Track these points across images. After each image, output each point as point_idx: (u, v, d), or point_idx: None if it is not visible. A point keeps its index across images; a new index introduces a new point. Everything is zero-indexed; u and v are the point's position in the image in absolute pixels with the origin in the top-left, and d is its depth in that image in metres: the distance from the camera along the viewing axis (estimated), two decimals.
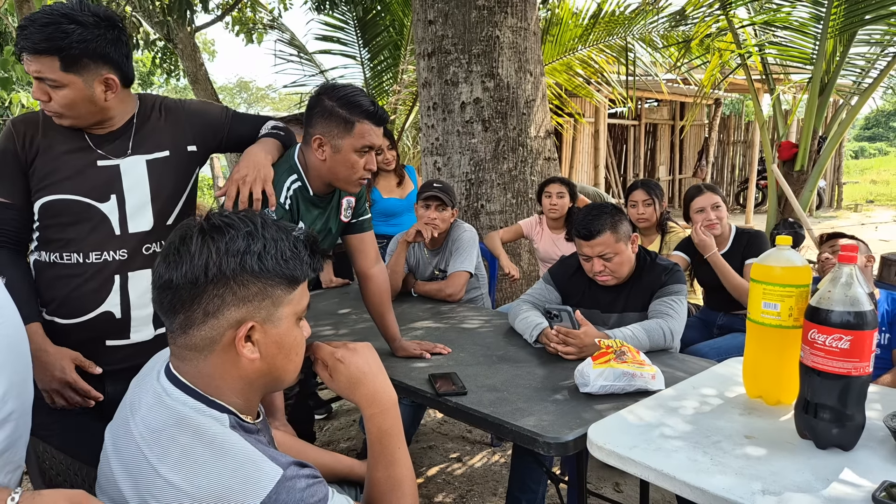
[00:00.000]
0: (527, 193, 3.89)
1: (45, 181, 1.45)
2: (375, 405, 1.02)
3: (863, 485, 1.02)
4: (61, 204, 1.45)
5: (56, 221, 1.46)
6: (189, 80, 7.76)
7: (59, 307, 1.48)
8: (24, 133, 1.45)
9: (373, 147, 1.65)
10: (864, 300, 1.11)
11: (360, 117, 1.60)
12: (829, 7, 3.81)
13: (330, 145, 1.62)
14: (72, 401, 1.43)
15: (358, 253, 1.88)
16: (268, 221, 0.93)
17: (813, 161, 4.32)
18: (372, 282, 1.89)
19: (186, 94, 27.76)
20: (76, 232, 1.46)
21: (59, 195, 1.45)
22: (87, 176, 1.47)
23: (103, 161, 1.48)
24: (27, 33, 1.33)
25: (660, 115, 12.56)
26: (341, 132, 1.61)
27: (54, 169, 1.46)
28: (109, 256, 1.48)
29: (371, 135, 1.63)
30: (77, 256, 1.47)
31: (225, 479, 0.81)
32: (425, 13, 3.83)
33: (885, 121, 34.41)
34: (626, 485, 2.51)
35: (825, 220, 10.70)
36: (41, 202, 1.45)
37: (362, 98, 1.62)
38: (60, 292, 1.47)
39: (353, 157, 1.63)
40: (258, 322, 0.90)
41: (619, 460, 1.15)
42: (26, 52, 1.35)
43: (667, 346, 1.91)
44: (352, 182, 1.68)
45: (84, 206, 1.46)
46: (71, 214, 1.46)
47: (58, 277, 1.47)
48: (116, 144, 1.50)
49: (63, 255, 1.47)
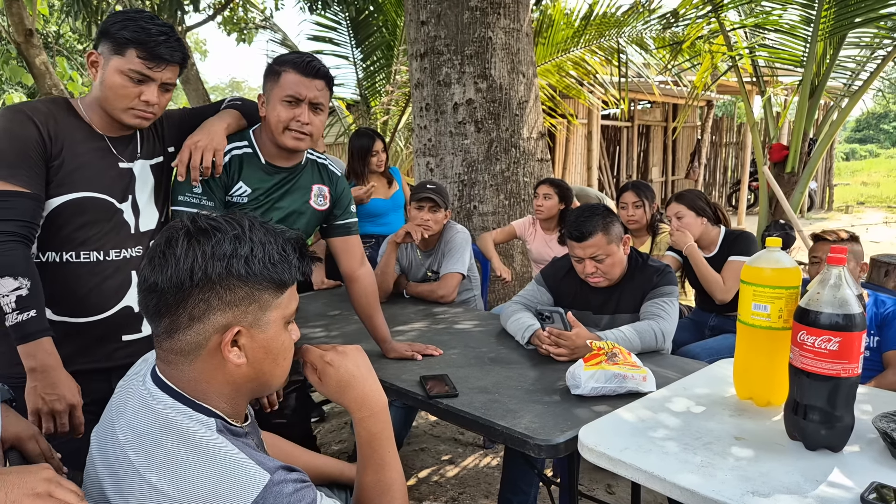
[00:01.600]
0: (519, 195, 3.89)
1: (72, 177, 1.44)
2: (365, 408, 1.01)
3: (852, 486, 1.02)
4: (89, 201, 1.46)
5: (79, 220, 1.46)
6: (180, 80, 7.73)
7: (76, 306, 1.47)
8: (46, 123, 1.42)
9: (299, 97, 1.62)
10: (852, 302, 1.12)
11: (287, 67, 1.62)
12: (820, 10, 3.84)
13: (266, 97, 1.66)
14: (62, 428, 1.37)
15: (343, 254, 1.88)
16: (255, 224, 0.92)
17: (803, 163, 4.35)
18: (358, 283, 1.88)
19: (177, 94, 27.66)
20: (96, 230, 1.48)
21: (86, 192, 1.46)
22: (110, 176, 1.50)
23: (123, 164, 1.54)
24: (172, 46, 1.44)
25: (652, 116, 12.60)
26: (272, 82, 1.64)
27: (81, 165, 1.46)
28: (128, 254, 1.54)
29: (297, 84, 1.61)
30: (97, 254, 1.49)
31: (211, 483, 0.80)
32: (418, 14, 3.83)
33: (876, 123, 34.70)
34: (618, 486, 2.51)
35: (816, 222, 10.76)
36: (64, 199, 1.44)
37: (291, 55, 1.66)
38: (78, 291, 1.47)
39: (279, 107, 1.62)
40: (245, 327, 0.89)
41: (610, 462, 1.15)
42: (167, 62, 1.44)
43: (658, 347, 1.91)
44: (280, 134, 1.65)
45: (108, 204, 1.50)
46: (95, 213, 1.47)
47: (73, 276, 1.47)
48: (130, 149, 1.56)
49: (80, 254, 1.47)
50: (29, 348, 1.32)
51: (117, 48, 1.42)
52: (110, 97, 1.45)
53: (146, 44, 1.41)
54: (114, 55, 1.43)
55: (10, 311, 1.30)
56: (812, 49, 4.01)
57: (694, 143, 12.55)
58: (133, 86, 1.44)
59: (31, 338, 1.32)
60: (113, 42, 1.42)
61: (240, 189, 1.70)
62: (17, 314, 1.31)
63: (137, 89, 1.44)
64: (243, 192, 1.70)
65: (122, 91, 1.44)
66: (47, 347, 1.34)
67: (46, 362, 1.33)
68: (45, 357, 1.33)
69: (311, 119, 1.66)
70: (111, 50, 1.43)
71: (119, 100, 1.45)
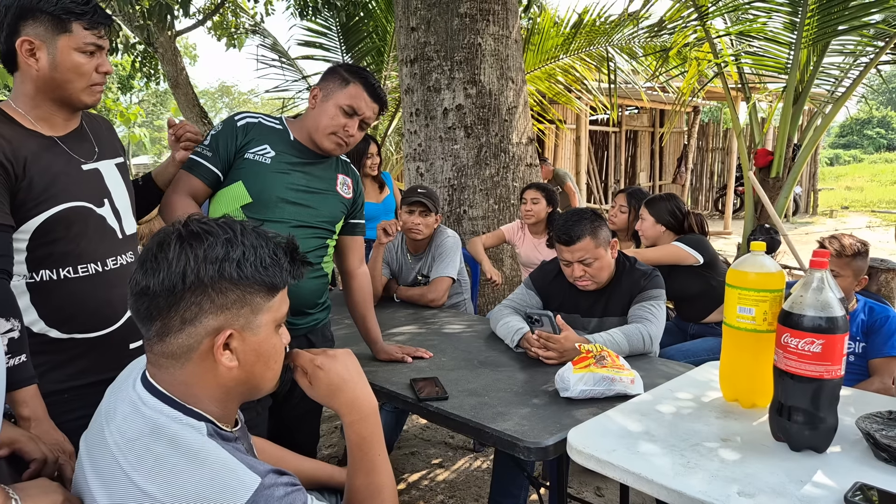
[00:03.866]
0: (509, 199, 3.91)
1: (48, 191, 1.32)
2: (355, 412, 1.02)
3: (835, 486, 1.04)
4: (72, 213, 1.35)
5: (67, 233, 1.35)
6: (170, 85, 7.70)
7: (87, 321, 1.39)
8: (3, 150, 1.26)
9: (357, 112, 1.68)
10: (835, 305, 1.14)
11: (358, 80, 1.69)
12: (803, 18, 3.89)
13: (322, 94, 1.70)
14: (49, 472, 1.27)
15: (347, 252, 1.91)
16: (247, 228, 0.92)
17: (788, 168, 4.40)
18: (356, 281, 1.92)
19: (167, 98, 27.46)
20: (87, 241, 1.38)
21: (67, 203, 1.35)
22: (79, 180, 1.39)
23: (87, 165, 1.42)
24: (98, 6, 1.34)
25: (640, 122, 12.70)
26: (336, 86, 1.69)
27: (52, 176, 1.33)
28: (123, 260, 1.45)
29: (360, 99, 1.68)
30: (95, 266, 1.39)
31: (202, 487, 0.80)
32: (408, 20, 3.84)
33: (860, 129, 35.18)
34: (607, 489, 2.52)
35: (801, 226, 10.88)
36: (47, 215, 1.32)
37: (367, 72, 1.73)
38: (87, 306, 1.38)
39: (335, 111, 1.67)
40: (236, 330, 0.90)
41: (598, 464, 1.16)
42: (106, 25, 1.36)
43: (646, 350, 1.93)
44: (325, 135, 1.70)
45: (89, 211, 1.39)
46: (80, 223, 1.37)
47: (78, 292, 1.37)
48: (85, 148, 1.43)
49: (78, 269, 1.37)
50: (22, 395, 1.23)
51: (60, 25, 1.30)
52: (71, 79, 1.33)
53: (87, 13, 1.32)
54: (59, 34, 1.30)
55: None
56: (796, 56, 4.06)
57: (681, 149, 12.66)
58: (90, 59, 1.34)
59: (24, 384, 1.23)
60: (51, 19, 1.29)
61: (264, 149, 1.70)
62: (10, 358, 1.21)
63: (94, 62, 1.35)
64: (266, 153, 1.70)
65: (83, 69, 1.34)
66: (37, 394, 1.26)
67: (39, 411, 1.25)
68: (37, 405, 1.25)
69: (356, 133, 1.71)
70: (52, 29, 1.30)
71: (80, 79, 1.34)
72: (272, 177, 1.68)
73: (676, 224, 2.86)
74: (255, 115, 1.76)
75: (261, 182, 1.67)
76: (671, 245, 2.77)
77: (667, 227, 2.86)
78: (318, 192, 1.75)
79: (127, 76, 10.02)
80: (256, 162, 1.68)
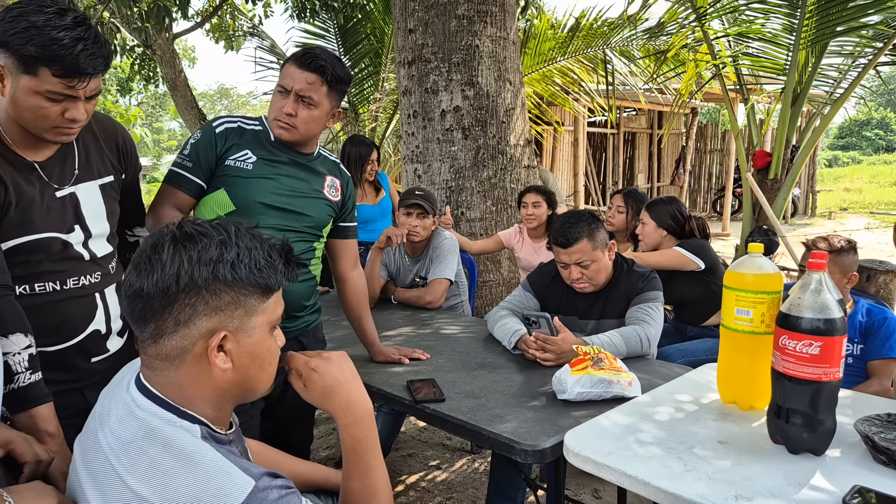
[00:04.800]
0: (507, 201, 3.91)
1: (18, 222, 1.28)
2: (350, 415, 1.01)
3: (833, 489, 1.03)
4: (36, 244, 1.32)
5: (26, 259, 1.31)
6: (168, 87, 7.70)
7: (48, 336, 1.35)
8: None
9: (287, 88, 1.62)
10: (833, 307, 1.13)
11: (290, 61, 1.63)
12: (802, 19, 3.90)
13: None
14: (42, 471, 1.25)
15: (339, 256, 1.89)
16: (242, 230, 0.92)
17: (786, 169, 4.40)
18: (350, 285, 1.90)
19: (166, 101, 27.48)
20: (47, 264, 1.34)
21: (33, 235, 1.30)
22: (50, 209, 1.33)
23: (61, 192, 1.35)
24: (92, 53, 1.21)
25: (638, 124, 12.72)
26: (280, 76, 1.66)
27: (26, 206, 1.28)
28: (87, 280, 1.40)
29: (288, 76, 1.62)
30: (52, 285, 1.35)
31: (195, 490, 0.80)
32: (405, 22, 3.84)
33: (858, 130, 35.24)
34: (604, 491, 2.51)
35: (799, 228, 10.89)
36: (12, 244, 1.28)
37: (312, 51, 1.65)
38: (45, 320, 1.34)
39: (273, 97, 1.66)
40: (231, 331, 0.89)
41: (595, 467, 1.16)
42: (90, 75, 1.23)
43: (644, 352, 1.92)
44: (273, 125, 1.67)
45: (53, 240, 1.34)
46: (42, 252, 1.33)
47: (36, 306, 1.33)
48: (66, 171, 1.37)
49: (35, 286, 1.34)
50: (44, 412, 1.21)
51: (25, 67, 1.17)
52: (28, 118, 1.23)
53: (62, 59, 1.16)
54: (23, 74, 1.18)
55: (23, 370, 1.19)
56: (794, 57, 4.07)
57: (679, 150, 12.67)
58: (54, 105, 1.22)
59: (43, 400, 1.22)
60: (18, 59, 1.16)
61: (244, 155, 1.66)
62: (31, 374, 1.20)
63: (60, 107, 1.22)
64: (247, 158, 1.66)
65: (41, 112, 1.22)
66: (53, 411, 1.24)
67: (58, 428, 1.23)
68: (56, 422, 1.23)
69: (297, 110, 1.63)
70: (17, 67, 1.17)
71: (39, 121, 1.23)
72: (255, 183, 1.64)
73: (678, 228, 2.84)
74: (233, 118, 1.72)
75: (243, 189, 1.64)
76: (672, 250, 2.75)
77: (668, 231, 2.84)
78: (303, 195, 1.72)
79: (126, 78, 10.01)
80: (238, 168, 1.65)
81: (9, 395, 1.20)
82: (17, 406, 1.20)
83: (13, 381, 1.19)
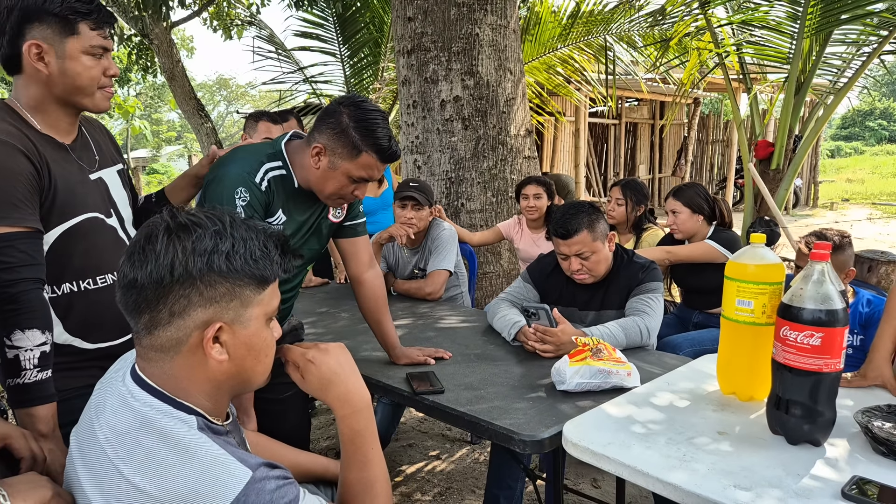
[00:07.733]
0: (507, 192, 3.89)
1: (68, 203, 1.30)
2: (347, 406, 1.01)
3: (833, 479, 1.03)
4: (87, 224, 1.33)
5: (82, 246, 1.33)
6: (166, 77, 7.65)
7: (111, 330, 1.38)
8: (30, 151, 1.23)
9: (370, 179, 1.56)
10: (835, 297, 1.13)
11: (370, 149, 1.50)
12: (806, 7, 3.86)
13: (329, 160, 1.52)
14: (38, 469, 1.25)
15: (350, 257, 1.79)
16: (237, 220, 0.91)
17: (789, 160, 4.38)
18: (365, 287, 1.80)
19: (164, 92, 27.35)
20: (101, 252, 1.36)
21: (84, 215, 1.33)
22: (90, 190, 1.36)
23: (93, 174, 1.38)
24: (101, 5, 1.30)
25: (640, 114, 12.66)
26: (345, 153, 1.51)
27: (70, 187, 1.30)
28: None
29: (373, 168, 1.53)
30: (111, 277, 1.37)
31: (192, 481, 0.79)
32: (405, 10, 3.81)
33: (861, 120, 35.07)
34: (603, 481, 2.52)
35: (801, 219, 10.87)
36: (65, 227, 1.30)
37: (380, 129, 1.51)
38: (102, 318, 1.36)
39: (346, 181, 1.54)
40: (226, 323, 0.88)
41: (594, 457, 1.16)
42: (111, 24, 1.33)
43: (643, 343, 1.92)
44: (332, 200, 1.59)
45: (100, 222, 1.36)
46: (93, 236, 1.34)
47: (99, 304, 1.35)
48: (89, 156, 1.39)
49: (97, 279, 1.35)
50: (42, 412, 1.21)
51: (68, 27, 1.25)
52: (81, 84, 1.29)
53: (92, 12, 1.26)
54: (67, 36, 1.25)
55: (31, 367, 1.19)
56: (798, 46, 4.04)
57: (681, 141, 12.62)
58: (97, 63, 1.29)
59: (46, 400, 1.21)
60: (59, 21, 1.24)
61: (277, 218, 1.57)
62: (39, 371, 1.20)
63: (101, 65, 1.30)
64: (279, 220, 1.58)
65: (93, 72, 1.29)
66: (55, 413, 1.24)
67: (53, 430, 1.23)
68: (54, 424, 1.23)
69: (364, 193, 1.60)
70: (59, 31, 1.25)
71: (91, 83, 1.30)
72: None
73: (710, 211, 2.79)
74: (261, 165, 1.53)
75: None
76: (704, 243, 2.72)
77: (704, 216, 2.77)
78: (310, 230, 1.67)
79: (124, 69, 9.96)
80: None
81: (12, 389, 1.20)
82: (18, 401, 1.21)
83: (20, 375, 1.19)
